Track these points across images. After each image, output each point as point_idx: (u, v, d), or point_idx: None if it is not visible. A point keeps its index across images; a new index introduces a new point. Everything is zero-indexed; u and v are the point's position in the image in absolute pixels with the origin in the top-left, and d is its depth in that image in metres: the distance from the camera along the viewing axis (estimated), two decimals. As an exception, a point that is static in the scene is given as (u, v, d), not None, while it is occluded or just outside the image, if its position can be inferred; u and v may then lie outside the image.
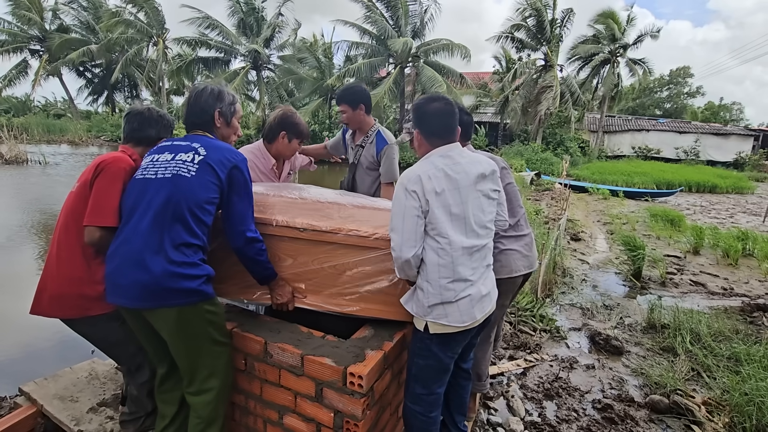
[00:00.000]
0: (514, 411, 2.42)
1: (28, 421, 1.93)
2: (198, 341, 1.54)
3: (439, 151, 1.59)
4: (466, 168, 1.57)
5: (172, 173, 1.49)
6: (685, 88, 43.51)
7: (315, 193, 2.01)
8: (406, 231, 1.48)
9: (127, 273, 1.42)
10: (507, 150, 19.93)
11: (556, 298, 4.29)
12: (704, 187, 15.41)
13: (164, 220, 1.44)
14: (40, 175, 11.91)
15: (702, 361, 2.99)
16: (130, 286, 1.43)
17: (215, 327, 1.58)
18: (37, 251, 5.56)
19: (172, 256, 1.42)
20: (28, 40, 26.70)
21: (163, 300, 1.43)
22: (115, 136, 24.31)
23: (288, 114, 2.31)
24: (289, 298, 1.78)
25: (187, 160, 1.52)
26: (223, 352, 1.62)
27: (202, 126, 1.66)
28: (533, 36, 20.51)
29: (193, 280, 1.46)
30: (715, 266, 5.76)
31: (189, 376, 1.60)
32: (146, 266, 1.40)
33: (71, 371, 2.18)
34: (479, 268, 1.60)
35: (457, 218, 1.52)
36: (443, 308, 1.53)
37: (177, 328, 1.50)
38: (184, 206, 1.46)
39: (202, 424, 1.60)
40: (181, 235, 1.45)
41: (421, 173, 1.51)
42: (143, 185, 1.51)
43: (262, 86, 22.55)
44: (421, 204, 1.48)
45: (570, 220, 8.01)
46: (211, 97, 1.66)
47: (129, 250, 1.43)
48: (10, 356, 3.13)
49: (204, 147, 1.56)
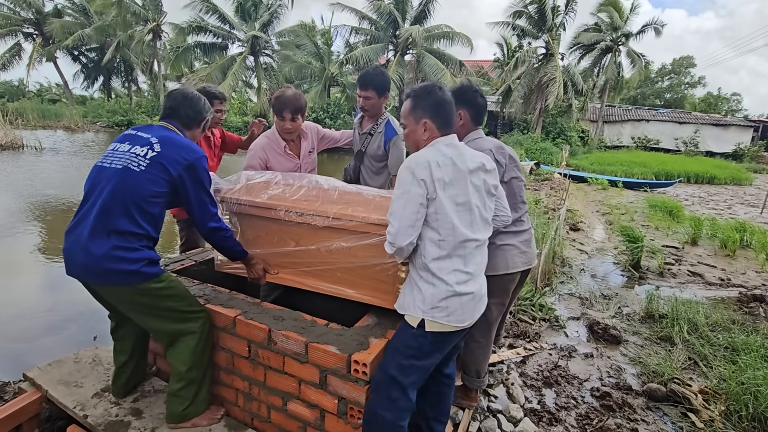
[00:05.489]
0: (514, 398, 2.45)
1: (33, 406, 1.94)
2: (154, 312, 1.68)
3: (444, 140, 1.53)
4: (469, 160, 1.52)
5: (123, 165, 1.60)
6: (686, 78, 43.22)
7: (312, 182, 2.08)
8: (405, 218, 1.42)
9: (76, 252, 1.56)
10: (506, 139, 19.81)
11: (555, 287, 4.32)
12: (703, 178, 15.46)
13: (110, 209, 1.55)
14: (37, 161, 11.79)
15: (699, 350, 3.03)
16: (79, 264, 1.57)
17: (174, 300, 1.69)
18: (36, 238, 5.55)
19: (114, 241, 1.54)
20: (21, 23, 26.17)
21: (106, 279, 1.57)
22: (111, 122, 24.04)
23: (275, 93, 2.32)
24: (260, 275, 2.01)
25: (140, 154, 1.62)
26: (192, 317, 1.74)
27: (181, 117, 1.79)
28: (535, 23, 20.23)
29: (133, 263, 1.57)
30: (712, 257, 5.80)
31: (156, 337, 1.79)
32: (89, 250, 1.53)
33: (75, 357, 2.19)
34: (480, 264, 1.55)
35: (463, 209, 1.48)
36: (446, 303, 1.45)
37: (127, 303, 1.66)
38: (128, 198, 1.57)
39: (181, 383, 1.75)
40: (124, 224, 1.56)
41: (431, 159, 1.44)
42: (99, 172, 1.64)
43: (260, 72, 22.26)
44: (428, 191, 1.42)
45: (569, 210, 8.03)
46: (206, 105, 1.87)
47: (80, 233, 1.57)
48: (10, 342, 3.13)
49: (161, 143, 1.65)
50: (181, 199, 1.70)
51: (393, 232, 1.45)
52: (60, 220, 6.35)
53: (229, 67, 20.59)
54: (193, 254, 2.52)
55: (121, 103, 26.68)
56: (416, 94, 1.58)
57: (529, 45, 21.12)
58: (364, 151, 2.53)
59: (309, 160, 2.55)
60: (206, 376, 1.82)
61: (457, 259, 1.47)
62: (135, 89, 31.19)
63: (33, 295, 3.98)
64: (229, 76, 19.93)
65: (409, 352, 1.50)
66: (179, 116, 1.79)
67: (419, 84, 1.63)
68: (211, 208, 1.76)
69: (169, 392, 1.76)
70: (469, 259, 1.49)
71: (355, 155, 2.62)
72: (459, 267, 1.48)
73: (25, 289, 4.11)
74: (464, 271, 1.48)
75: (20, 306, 3.67)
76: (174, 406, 1.75)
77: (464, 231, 1.47)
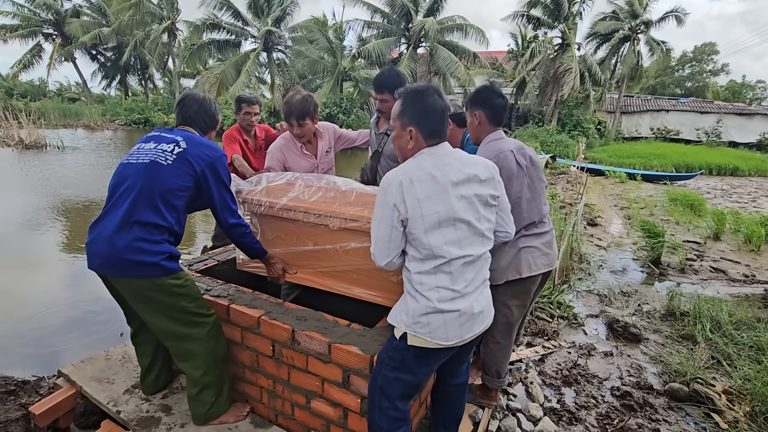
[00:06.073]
0: (533, 397, 2.46)
1: (69, 401, 2.03)
2: (167, 312, 1.71)
3: (428, 151, 1.44)
4: (457, 169, 1.41)
5: (150, 159, 1.67)
6: (708, 65, 41.82)
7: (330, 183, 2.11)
8: (379, 240, 1.41)
9: (100, 244, 1.62)
10: (521, 132, 19.55)
11: (573, 284, 4.28)
12: (725, 169, 14.94)
13: (137, 202, 1.61)
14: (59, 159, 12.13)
15: (722, 349, 2.98)
16: (101, 256, 1.62)
17: (187, 299, 1.73)
18: (60, 236, 5.73)
19: (136, 232, 1.60)
20: (41, 24, 26.82)
21: (125, 270, 1.61)
22: (129, 120, 24.53)
23: (285, 98, 2.37)
24: (279, 274, 2.07)
25: (167, 150, 1.70)
26: (201, 322, 1.76)
27: (198, 123, 1.87)
28: (550, 13, 19.80)
29: (154, 255, 1.61)
30: (736, 252, 5.66)
31: (164, 340, 1.80)
32: (113, 241, 1.59)
33: (106, 354, 2.28)
34: (474, 281, 1.44)
35: (447, 226, 1.38)
36: (426, 318, 1.39)
37: (141, 298, 1.69)
38: (156, 190, 1.63)
39: (197, 388, 1.78)
40: (148, 215, 1.61)
41: (402, 178, 1.37)
42: (125, 169, 1.70)
43: (273, 68, 22.36)
44: (399, 213, 1.36)
45: (586, 205, 7.91)
46: (217, 108, 1.96)
47: (105, 226, 1.63)
48: (41, 339, 3.27)
49: (186, 141, 1.73)
50: (204, 194, 1.76)
51: (372, 251, 1.46)
52: (86, 216, 6.55)
53: (242, 63, 20.73)
54: (216, 254, 2.58)
55: (138, 101, 27.23)
56: (406, 97, 1.46)
57: (544, 35, 20.70)
58: (380, 152, 2.55)
59: (326, 159, 2.59)
60: (224, 377, 1.86)
61: (442, 276, 1.39)
62: (151, 87, 31.75)
63: (59, 290, 4.12)
64: (243, 73, 20.08)
65: (393, 364, 1.47)
66: (196, 123, 1.87)
67: (413, 85, 1.50)
68: (232, 205, 1.83)
69: (189, 396, 1.82)
70: (457, 276, 1.40)
71: (371, 155, 2.64)
72: (444, 284, 1.39)
73: (52, 283, 4.27)
74: (450, 288, 1.39)
75: (46, 301, 3.80)
76: (197, 409, 1.82)
77: (447, 248, 1.37)
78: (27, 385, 2.49)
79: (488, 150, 1.90)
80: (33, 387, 2.47)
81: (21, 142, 14.16)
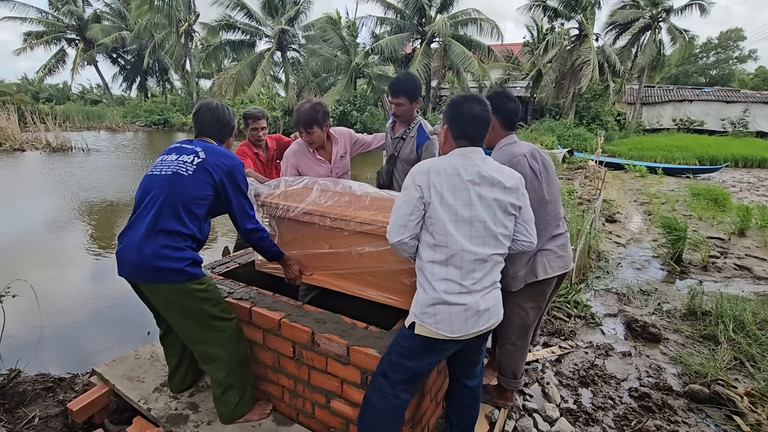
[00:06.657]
0: (550, 398, 2.47)
1: (103, 399, 2.15)
2: (191, 315, 1.79)
3: (460, 151, 1.55)
4: (484, 173, 1.50)
5: (173, 171, 1.76)
6: (735, 52, 40.24)
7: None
8: (399, 217, 1.50)
9: (129, 252, 1.71)
10: (537, 126, 19.23)
11: (590, 283, 4.24)
12: (752, 161, 14.38)
13: (161, 212, 1.70)
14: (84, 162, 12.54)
15: (746, 350, 2.93)
16: (131, 263, 1.71)
17: (210, 304, 1.80)
18: (85, 236, 5.96)
19: (162, 240, 1.69)
20: (64, 29, 27.67)
21: (152, 276, 1.70)
22: (149, 122, 25.12)
23: (296, 106, 2.43)
24: (296, 275, 2.15)
25: (188, 161, 1.79)
26: (223, 326, 1.85)
27: (213, 134, 1.95)
28: (567, 3, 19.36)
29: (178, 262, 1.70)
30: (762, 249, 5.49)
31: (189, 344, 1.91)
32: (142, 249, 1.68)
33: (135, 354, 2.39)
34: (482, 281, 1.50)
35: (463, 221, 1.47)
36: (433, 309, 1.48)
37: (167, 303, 1.77)
38: (179, 200, 1.72)
39: (221, 389, 1.87)
40: (171, 223, 1.70)
41: (431, 166, 1.50)
42: (150, 180, 1.80)
43: (288, 67, 22.53)
44: (422, 195, 1.47)
45: (605, 201, 7.77)
46: (232, 114, 2.02)
47: (133, 235, 1.72)
48: (72, 337, 3.43)
49: (205, 151, 1.82)
50: (223, 201, 1.85)
51: (388, 228, 1.55)
52: (116, 217, 6.78)
53: (257, 63, 20.95)
54: (237, 256, 2.67)
55: (157, 102, 27.86)
56: (450, 100, 1.63)
57: (561, 26, 20.25)
58: (396, 155, 2.58)
59: (341, 164, 2.64)
60: (246, 378, 1.94)
61: (452, 269, 1.47)
62: (169, 88, 32.44)
63: (87, 289, 4.30)
64: (258, 73, 20.32)
65: (399, 350, 1.56)
66: (211, 134, 1.96)
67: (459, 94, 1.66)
68: (249, 211, 1.92)
69: (214, 397, 1.91)
70: (466, 272, 1.47)
71: (387, 159, 2.67)
72: (453, 277, 1.47)
73: (80, 282, 4.46)
74: (458, 282, 1.47)
75: (76, 300, 3.98)
76: (222, 409, 1.91)
77: (461, 240, 1.46)
78: (63, 382, 2.63)
79: (501, 155, 1.92)
80: (68, 384, 2.61)
81: (48, 145, 14.68)
